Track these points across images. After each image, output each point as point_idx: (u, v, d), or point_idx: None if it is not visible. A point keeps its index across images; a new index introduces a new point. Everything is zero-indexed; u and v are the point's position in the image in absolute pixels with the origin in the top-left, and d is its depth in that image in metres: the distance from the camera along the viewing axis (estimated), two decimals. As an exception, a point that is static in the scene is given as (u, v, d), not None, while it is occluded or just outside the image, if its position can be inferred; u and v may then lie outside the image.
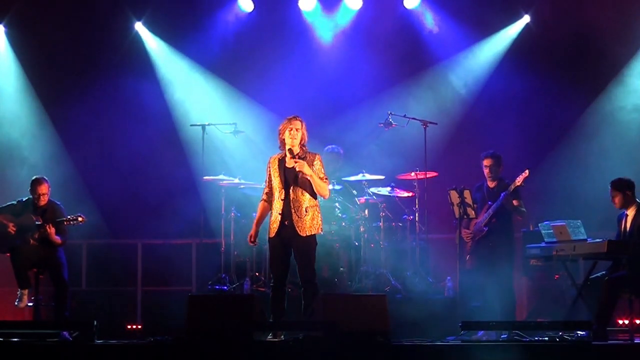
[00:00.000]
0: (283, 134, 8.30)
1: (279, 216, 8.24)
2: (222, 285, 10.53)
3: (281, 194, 8.27)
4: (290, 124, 8.29)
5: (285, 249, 8.30)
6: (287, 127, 8.28)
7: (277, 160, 8.37)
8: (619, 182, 9.15)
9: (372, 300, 8.11)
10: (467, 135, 12.22)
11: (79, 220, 9.73)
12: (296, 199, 8.26)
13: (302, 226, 8.23)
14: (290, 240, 8.26)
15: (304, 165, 8.17)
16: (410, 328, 9.23)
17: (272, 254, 8.39)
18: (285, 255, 8.32)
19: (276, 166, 8.34)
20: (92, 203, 11.70)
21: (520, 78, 12.12)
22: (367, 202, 10.93)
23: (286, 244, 8.29)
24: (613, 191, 9.15)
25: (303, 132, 8.31)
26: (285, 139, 8.31)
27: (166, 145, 12.38)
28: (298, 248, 8.27)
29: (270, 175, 8.38)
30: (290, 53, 12.38)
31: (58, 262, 9.73)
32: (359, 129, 12.12)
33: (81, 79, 12.35)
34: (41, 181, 9.85)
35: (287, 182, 8.26)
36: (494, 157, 9.80)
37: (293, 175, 8.27)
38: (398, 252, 10.95)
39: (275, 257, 8.34)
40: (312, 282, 8.29)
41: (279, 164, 8.34)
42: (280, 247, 8.30)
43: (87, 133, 12.26)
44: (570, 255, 9.11)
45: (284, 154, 8.34)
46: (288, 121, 8.31)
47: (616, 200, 9.14)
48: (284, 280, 8.34)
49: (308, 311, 8.21)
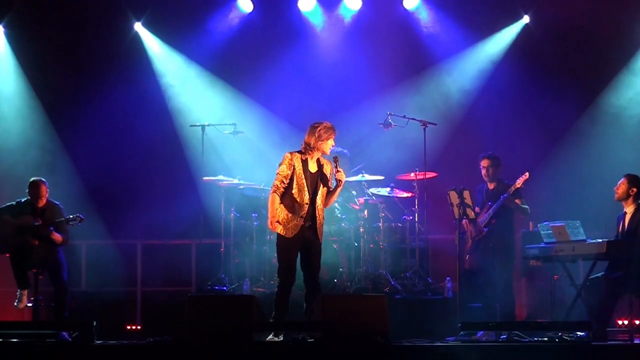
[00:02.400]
0: (322, 140, 8.17)
1: (301, 219, 8.18)
2: (221, 285, 10.54)
3: (307, 198, 8.20)
4: (334, 134, 8.20)
5: (299, 252, 8.30)
6: (333, 137, 8.19)
7: (300, 160, 8.25)
8: (635, 177, 9.19)
9: (371, 300, 8.10)
10: (466, 136, 12.21)
11: (78, 221, 9.71)
12: (318, 204, 8.26)
13: (320, 231, 8.27)
14: (309, 243, 8.26)
15: (344, 178, 8.20)
16: (410, 329, 9.20)
17: (287, 254, 8.27)
18: (296, 256, 8.31)
19: (300, 166, 8.22)
20: (92, 203, 11.67)
21: (519, 78, 12.13)
22: (366, 202, 10.93)
23: (302, 246, 8.27)
24: (625, 182, 9.17)
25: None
26: (324, 147, 8.18)
27: (166, 146, 12.38)
28: (314, 252, 8.28)
29: (294, 172, 8.20)
30: (289, 53, 12.37)
31: (58, 263, 9.72)
32: (358, 130, 12.11)
33: (80, 80, 12.34)
34: (39, 184, 9.83)
35: (313, 185, 8.22)
36: (492, 158, 9.81)
37: (317, 180, 8.24)
38: (397, 253, 10.96)
39: (290, 258, 8.27)
40: (318, 283, 8.34)
41: (303, 165, 8.24)
42: (297, 249, 8.27)
43: (86, 133, 12.23)
44: (569, 256, 9.12)
45: (306, 157, 8.23)
46: (333, 130, 8.19)
47: (620, 191, 9.18)
48: (293, 281, 8.32)
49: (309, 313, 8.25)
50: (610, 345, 8.27)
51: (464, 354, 7.65)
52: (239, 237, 10.95)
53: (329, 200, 8.33)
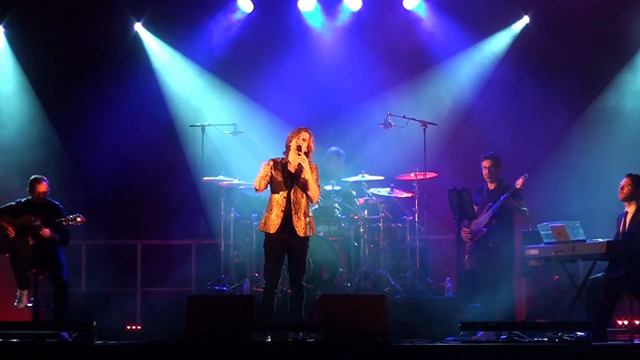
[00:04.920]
0: (290, 141, 8.49)
1: (281, 213, 8.37)
2: (221, 286, 10.54)
3: (284, 193, 8.40)
4: (299, 134, 8.47)
5: (282, 248, 8.40)
6: (295, 137, 8.46)
7: (280, 163, 8.53)
8: (638, 177, 9.18)
9: (371, 301, 8.12)
10: (466, 136, 12.22)
11: (78, 221, 9.73)
12: (296, 201, 8.39)
13: (300, 227, 8.35)
14: (288, 240, 8.37)
15: (305, 160, 8.34)
16: (410, 329, 9.22)
17: (269, 251, 8.45)
18: (282, 255, 8.41)
19: (279, 168, 8.47)
20: (92, 203, 11.66)
21: (520, 78, 12.10)
22: (366, 202, 10.95)
23: (284, 243, 8.38)
24: (629, 182, 9.16)
25: (310, 144, 8.50)
26: (291, 145, 8.47)
27: (166, 146, 12.37)
28: (294, 248, 8.39)
29: (271, 173, 8.47)
30: (290, 53, 12.35)
31: (57, 263, 9.73)
32: (358, 130, 12.12)
33: (80, 80, 12.33)
34: (40, 180, 9.86)
35: (291, 183, 8.41)
36: (493, 158, 9.83)
37: (295, 177, 8.41)
38: (397, 253, 10.96)
39: (272, 255, 8.42)
40: (302, 285, 8.40)
41: (282, 166, 8.49)
42: (279, 247, 8.39)
43: (86, 133, 12.22)
44: (569, 256, 9.11)
45: (287, 160, 8.47)
46: (297, 131, 8.52)
47: (625, 191, 9.17)
48: (277, 281, 8.42)
49: (297, 315, 8.30)
50: (610, 346, 8.27)
51: (464, 354, 7.65)
52: (239, 237, 10.97)
53: (309, 187, 8.37)
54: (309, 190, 8.39)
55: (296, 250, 8.40)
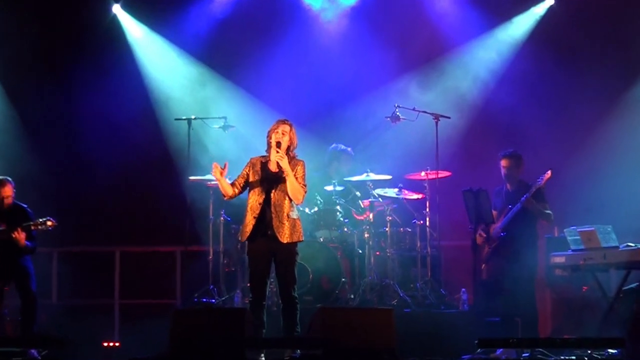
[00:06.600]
0: (270, 137, 8.56)
1: (253, 220, 8.40)
2: (209, 298, 10.55)
3: (260, 197, 8.42)
4: (278, 127, 8.57)
5: (265, 257, 8.43)
6: (275, 130, 8.55)
7: (260, 162, 8.59)
8: None
9: (377, 314, 8.17)
10: (483, 131, 12.23)
11: (48, 225, 9.73)
12: (278, 203, 8.42)
13: (283, 232, 8.37)
14: (273, 247, 8.40)
15: (283, 158, 8.36)
16: (420, 346, 9.26)
17: (250, 261, 8.52)
18: (266, 263, 8.45)
19: (258, 167, 8.54)
20: (64, 205, 11.63)
21: (543, 67, 12.10)
22: (372, 204, 10.91)
23: (267, 251, 8.42)
24: None
25: (291, 137, 8.58)
26: (272, 142, 8.55)
27: (148, 141, 12.33)
28: (279, 256, 8.43)
29: (247, 173, 8.55)
30: (286, 39, 12.35)
31: (25, 272, 9.75)
32: (363, 124, 12.13)
33: (52, 69, 12.38)
34: (4, 183, 9.89)
35: (270, 184, 8.45)
36: (513, 157, 9.85)
37: (275, 177, 8.46)
38: (406, 261, 10.98)
39: (254, 265, 8.47)
40: (293, 296, 8.42)
41: (261, 166, 8.55)
42: (261, 255, 8.43)
43: (58, 129, 12.32)
44: (600, 264, 9.20)
45: (268, 158, 8.54)
46: (277, 124, 8.65)
47: None
48: (264, 293, 8.45)
49: (291, 330, 8.33)
50: (646, 365, 8.23)
51: (482, 374, 7.64)
52: (229, 244, 10.96)
53: (289, 187, 8.39)
54: (290, 191, 8.41)
55: (281, 258, 8.44)
